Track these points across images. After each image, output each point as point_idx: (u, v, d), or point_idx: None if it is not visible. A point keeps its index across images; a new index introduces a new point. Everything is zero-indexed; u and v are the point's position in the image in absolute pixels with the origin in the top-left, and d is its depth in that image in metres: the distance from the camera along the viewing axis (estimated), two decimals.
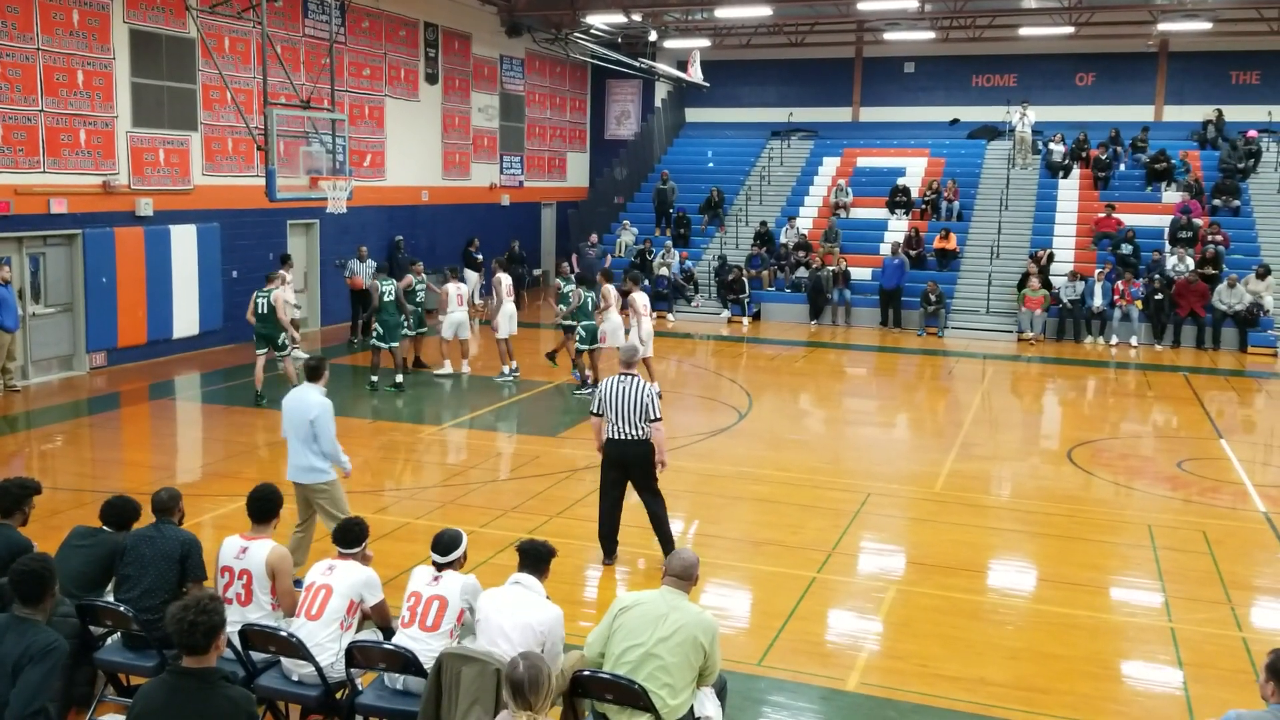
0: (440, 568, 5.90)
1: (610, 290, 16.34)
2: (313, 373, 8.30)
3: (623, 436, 8.83)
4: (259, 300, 14.91)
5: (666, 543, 9.06)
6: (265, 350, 15.04)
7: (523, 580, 5.67)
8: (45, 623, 4.99)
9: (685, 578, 5.52)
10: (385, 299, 16.06)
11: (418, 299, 17.38)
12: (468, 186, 27.20)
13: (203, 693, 4.37)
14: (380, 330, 16.09)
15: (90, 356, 17.16)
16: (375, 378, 16.32)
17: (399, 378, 16.31)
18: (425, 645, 5.61)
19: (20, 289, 16.04)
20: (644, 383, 8.87)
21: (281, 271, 16.77)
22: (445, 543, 5.96)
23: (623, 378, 8.91)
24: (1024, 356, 21.27)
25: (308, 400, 8.12)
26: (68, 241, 16.79)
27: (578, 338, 16.12)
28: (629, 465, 8.94)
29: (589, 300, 16.06)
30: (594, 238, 27.07)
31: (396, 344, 16.25)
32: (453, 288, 17.33)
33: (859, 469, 12.81)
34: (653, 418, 8.80)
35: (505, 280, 17.27)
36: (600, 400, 8.91)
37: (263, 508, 6.35)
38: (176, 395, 16.45)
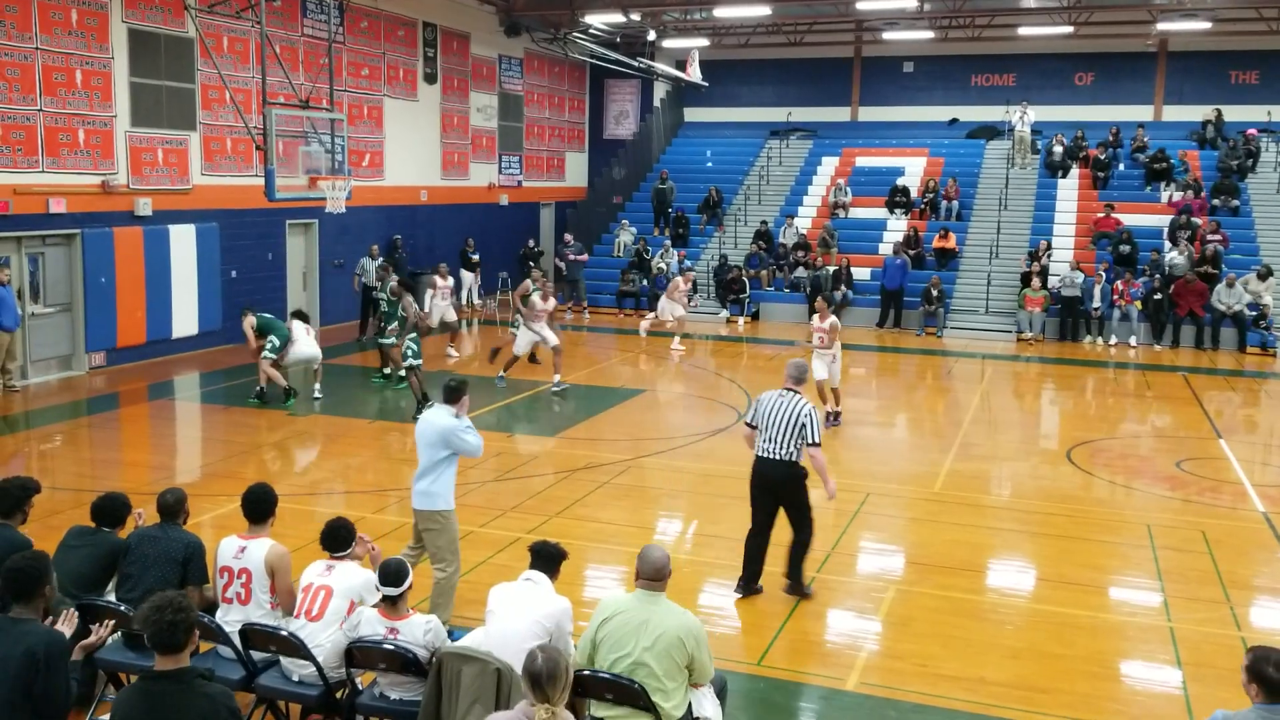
0: (384, 600, 5.72)
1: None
2: (451, 394, 7.62)
3: (769, 455, 8.26)
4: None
5: (795, 573, 8.46)
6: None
7: (533, 576, 5.76)
8: (41, 620, 4.98)
9: (657, 578, 5.42)
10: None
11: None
12: (466, 186, 27.19)
13: (181, 694, 4.32)
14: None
15: (89, 356, 17.15)
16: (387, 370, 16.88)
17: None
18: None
19: (19, 289, 16.03)
20: (805, 402, 8.24)
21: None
22: (391, 574, 5.69)
23: (783, 394, 8.31)
24: (1023, 356, 21.28)
25: (437, 423, 7.53)
26: (66, 241, 16.78)
27: (411, 353, 14.92)
28: (774, 487, 8.35)
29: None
30: (569, 237, 27.03)
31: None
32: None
33: (858, 469, 12.81)
34: (810, 441, 8.16)
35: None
36: (755, 412, 8.38)
37: (258, 508, 6.33)
38: (175, 395, 16.44)
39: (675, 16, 28.40)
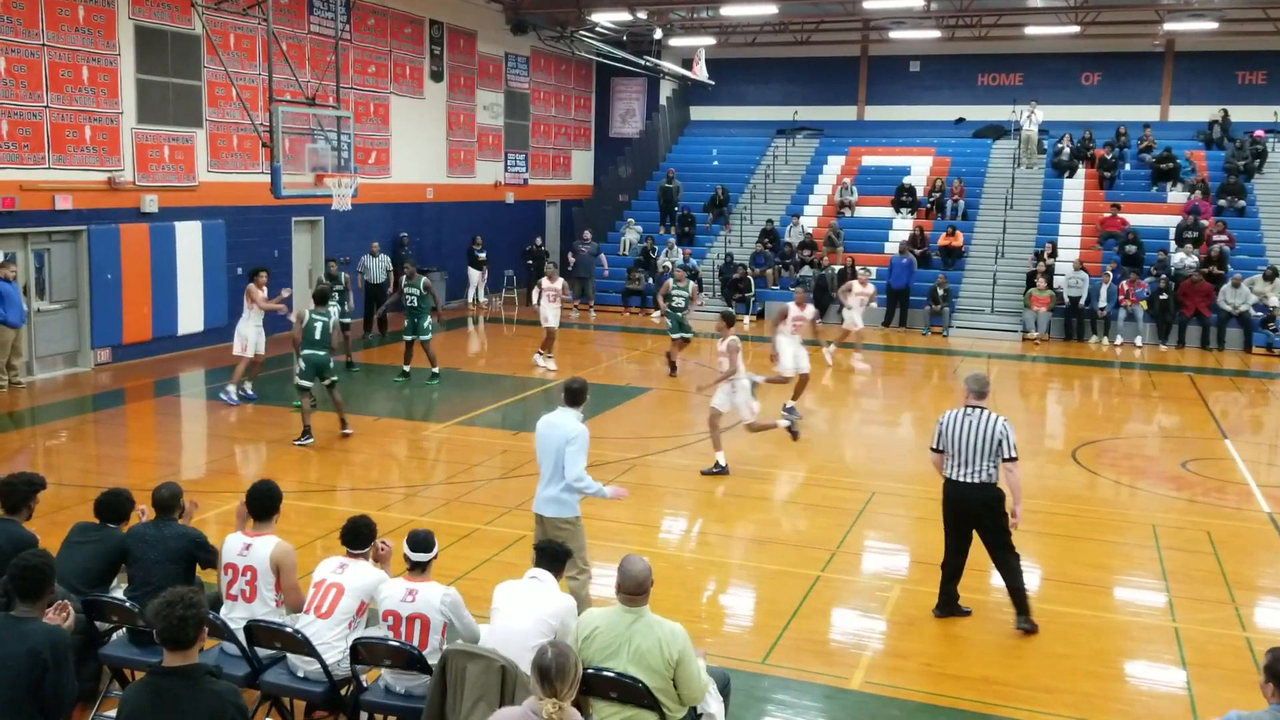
0: (414, 567, 5.85)
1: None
2: (574, 396, 7.52)
3: (961, 478, 7.79)
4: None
5: (1020, 603, 7.94)
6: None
7: (538, 575, 5.74)
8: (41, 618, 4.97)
9: (638, 592, 5.25)
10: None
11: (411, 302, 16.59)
12: (472, 184, 27.21)
13: (189, 691, 4.32)
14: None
15: (95, 353, 17.18)
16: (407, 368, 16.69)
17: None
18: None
19: (25, 285, 16.07)
20: (998, 416, 7.79)
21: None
22: (420, 541, 5.88)
23: (969, 411, 7.84)
24: (1029, 356, 21.24)
25: (564, 425, 7.37)
26: (73, 238, 16.81)
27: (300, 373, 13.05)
28: (973, 512, 7.86)
29: (318, 324, 12.97)
30: (587, 234, 27.06)
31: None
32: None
33: (863, 468, 12.81)
34: (1007, 456, 7.68)
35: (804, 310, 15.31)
36: (940, 434, 7.95)
37: (262, 505, 6.32)
38: (181, 392, 16.47)
39: (682, 15, 28.37)
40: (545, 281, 18.18)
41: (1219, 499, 11.66)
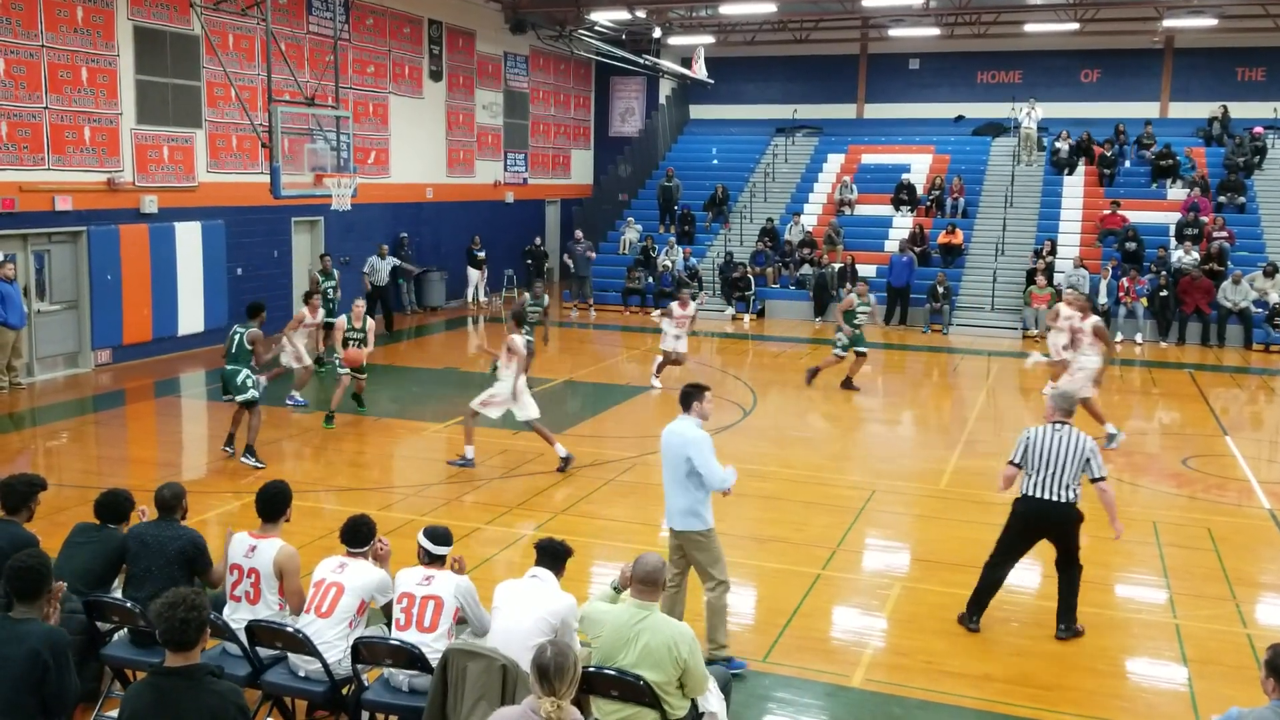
0: (431, 560, 5.94)
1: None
2: (689, 399, 7.32)
3: (1046, 496, 7.56)
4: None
5: (1069, 617, 7.83)
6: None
7: (539, 574, 5.76)
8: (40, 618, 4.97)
9: (652, 583, 5.36)
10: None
11: (530, 319, 15.65)
12: (472, 184, 27.21)
13: (191, 691, 4.33)
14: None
15: (95, 354, 17.19)
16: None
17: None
18: (428, 649, 5.64)
19: (25, 286, 16.07)
20: (1085, 435, 7.62)
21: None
22: (440, 535, 6.02)
23: (1057, 428, 7.62)
24: (1028, 354, 21.22)
25: (685, 434, 7.16)
26: (72, 239, 16.82)
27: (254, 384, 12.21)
28: (1052, 529, 7.70)
29: (235, 338, 12.36)
30: (579, 233, 27.05)
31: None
32: None
33: (864, 466, 12.81)
34: (1096, 475, 7.53)
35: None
36: (1024, 450, 7.68)
37: (272, 505, 6.33)
38: (181, 392, 16.47)
39: (681, 14, 28.37)
40: (677, 308, 16.70)
41: (1219, 495, 11.66)
